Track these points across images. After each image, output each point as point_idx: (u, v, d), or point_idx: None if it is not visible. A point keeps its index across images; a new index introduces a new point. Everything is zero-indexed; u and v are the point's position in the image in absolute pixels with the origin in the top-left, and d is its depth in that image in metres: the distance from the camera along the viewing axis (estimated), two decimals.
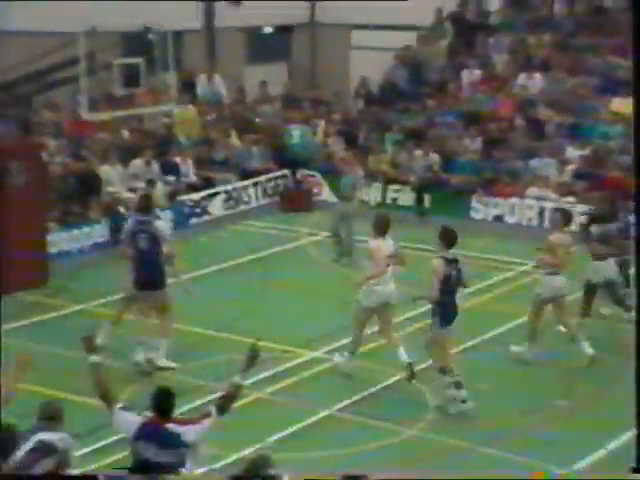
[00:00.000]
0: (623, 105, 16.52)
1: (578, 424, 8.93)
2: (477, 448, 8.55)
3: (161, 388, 6.58)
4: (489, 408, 9.21)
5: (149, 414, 6.40)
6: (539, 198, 15.58)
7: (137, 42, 13.78)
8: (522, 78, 18.31)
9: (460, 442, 8.64)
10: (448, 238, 9.07)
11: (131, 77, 13.37)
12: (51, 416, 6.45)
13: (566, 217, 10.61)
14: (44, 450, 6.23)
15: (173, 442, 6.25)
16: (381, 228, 9.78)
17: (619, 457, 7.99)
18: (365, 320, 9.81)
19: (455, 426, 8.94)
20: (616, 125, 16.16)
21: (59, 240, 13.83)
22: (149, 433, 6.28)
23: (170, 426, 6.30)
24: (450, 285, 9.00)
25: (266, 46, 22.38)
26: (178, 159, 16.44)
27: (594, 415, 9.07)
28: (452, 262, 9.03)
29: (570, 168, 15.84)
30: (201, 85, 19.53)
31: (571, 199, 15.23)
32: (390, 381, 9.86)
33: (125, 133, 16.81)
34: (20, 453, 6.20)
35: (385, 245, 9.73)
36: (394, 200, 16.56)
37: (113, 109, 13.87)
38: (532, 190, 15.74)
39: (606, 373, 9.85)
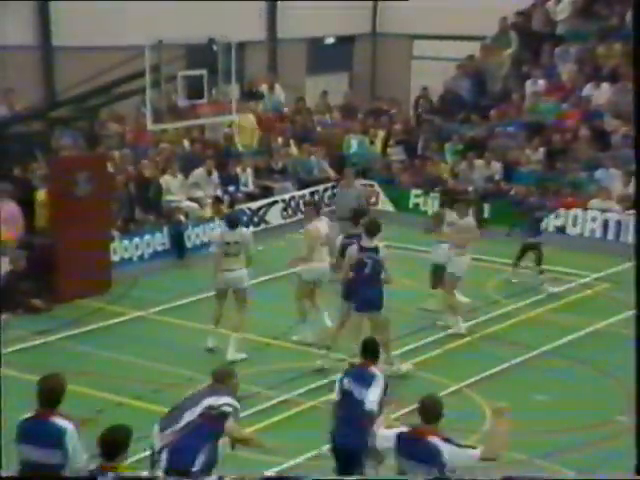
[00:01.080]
0: None
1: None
2: (534, 461, 8.54)
3: None
4: (545, 420, 9.16)
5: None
6: (602, 210, 15.42)
7: (201, 54, 13.96)
8: (588, 88, 18.16)
9: (517, 455, 8.63)
10: (371, 229, 10.33)
11: (194, 89, 13.61)
12: (219, 379, 6.69)
13: None
14: (211, 415, 6.37)
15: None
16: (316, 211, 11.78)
17: None
18: (305, 292, 11.31)
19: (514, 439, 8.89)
20: None
21: (121, 248, 14.20)
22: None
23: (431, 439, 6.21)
24: (363, 271, 10.03)
25: (327, 56, 22.57)
26: (238, 169, 16.70)
27: None
28: (368, 250, 10.08)
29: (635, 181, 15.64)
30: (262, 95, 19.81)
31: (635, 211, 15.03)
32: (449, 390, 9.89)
33: (186, 143, 17.14)
34: (187, 417, 6.35)
35: (321, 227, 11.30)
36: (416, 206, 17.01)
37: (176, 120, 14.20)
38: (595, 202, 15.59)
39: None
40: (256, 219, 16.24)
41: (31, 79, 17.84)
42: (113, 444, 5.92)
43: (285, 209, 16.78)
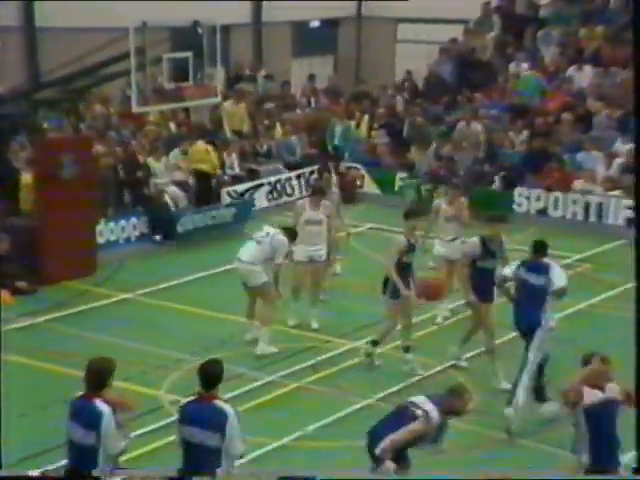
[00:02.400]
0: None
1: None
2: (516, 440, 8.59)
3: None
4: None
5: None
6: (585, 192, 15.46)
7: (186, 37, 13.90)
8: (571, 71, 18.15)
9: (498, 434, 8.68)
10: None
11: (180, 71, 13.53)
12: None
13: None
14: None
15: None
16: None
17: None
18: (297, 274, 11.02)
19: (495, 418, 8.95)
20: None
21: (107, 231, 14.08)
22: None
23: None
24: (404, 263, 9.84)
25: (312, 40, 22.44)
26: (224, 152, 16.60)
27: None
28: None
29: (618, 162, 15.68)
30: (248, 79, 19.70)
31: (618, 193, 15.10)
32: (432, 371, 9.94)
33: (172, 126, 17.02)
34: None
35: (309, 206, 11.02)
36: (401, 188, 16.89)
37: (162, 102, 14.08)
38: (578, 183, 15.62)
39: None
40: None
41: (15, 60, 17.65)
42: (212, 375, 6.34)
43: (271, 192, 16.72)
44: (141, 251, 14.19)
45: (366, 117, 18.45)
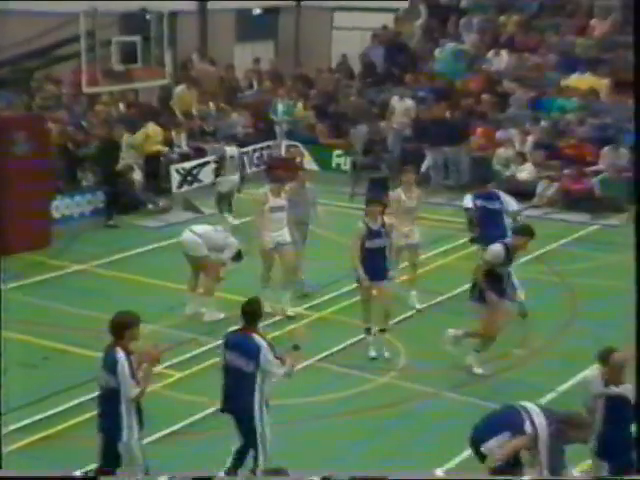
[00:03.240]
0: (579, 80, 16.40)
1: (532, 370, 8.92)
2: (443, 393, 8.52)
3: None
4: (452, 355, 9.14)
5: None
6: (504, 165, 15.45)
7: (134, 22, 13.55)
8: (490, 55, 18.15)
9: (427, 388, 8.61)
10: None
11: (128, 54, 13.18)
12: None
13: None
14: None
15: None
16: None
17: (567, 398, 8.09)
18: (265, 258, 10.32)
19: (423, 374, 8.90)
20: (573, 99, 16.01)
21: (62, 206, 13.67)
22: None
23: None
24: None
25: (255, 26, 22.05)
26: (173, 132, 16.20)
27: (547, 361, 9.04)
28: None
29: (530, 139, 15.69)
30: (195, 63, 19.28)
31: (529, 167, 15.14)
32: (359, 337, 9.73)
33: (121, 106, 16.53)
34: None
35: (271, 193, 10.27)
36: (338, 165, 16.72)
37: (112, 84, 13.66)
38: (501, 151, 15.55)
39: (557, 326, 9.81)
40: (189, 178, 15.82)
41: None
42: (250, 312, 6.71)
43: (217, 168, 16.34)
44: (95, 225, 13.78)
45: (305, 98, 18.16)
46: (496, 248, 8.67)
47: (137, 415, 6.34)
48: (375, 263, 9.10)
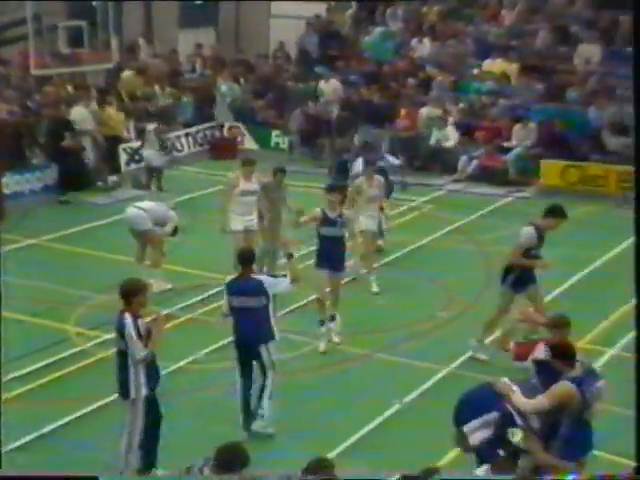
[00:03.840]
0: (492, 65, 16.63)
1: (455, 331, 9.06)
2: (374, 355, 8.58)
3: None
4: (383, 320, 9.23)
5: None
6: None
7: (81, 7, 13.09)
8: (414, 43, 18.17)
9: (360, 350, 8.67)
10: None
11: (75, 38, 12.75)
12: None
13: None
14: None
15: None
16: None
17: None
18: (239, 241, 9.57)
19: (357, 337, 8.94)
20: (487, 82, 16.20)
21: (13, 182, 13.16)
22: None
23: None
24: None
25: (197, 13, 21.58)
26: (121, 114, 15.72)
27: (468, 322, 9.21)
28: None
29: (451, 120, 15.77)
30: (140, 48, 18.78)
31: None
32: (304, 301, 9.70)
33: (69, 88, 15.96)
34: None
35: (243, 176, 9.64)
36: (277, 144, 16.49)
37: (59, 66, 13.21)
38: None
39: (476, 290, 9.97)
40: (137, 157, 15.36)
41: None
42: (246, 258, 7.09)
43: (164, 148, 15.96)
44: (46, 201, 13.33)
45: (242, 81, 17.90)
46: (528, 230, 8.01)
47: (146, 374, 6.35)
48: (331, 253, 8.50)
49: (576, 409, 5.46)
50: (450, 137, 15.19)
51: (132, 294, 6.32)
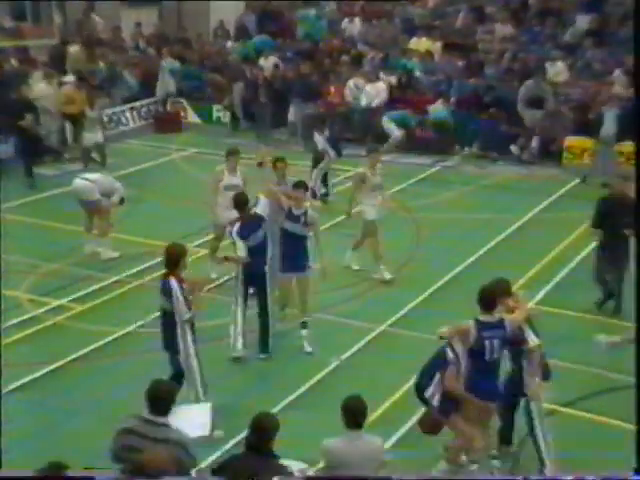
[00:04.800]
0: (418, 44, 16.58)
1: (389, 291, 9.01)
2: (312, 315, 8.44)
3: None
4: (320, 282, 9.07)
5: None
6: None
7: None
8: (345, 22, 17.93)
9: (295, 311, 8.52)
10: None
11: (18, 12, 11.98)
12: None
13: None
14: None
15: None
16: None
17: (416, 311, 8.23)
18: (220, 235, 8.98)
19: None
20: (413, 59, 16.10)
21: None
22: None
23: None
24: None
25: None
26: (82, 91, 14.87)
27: (400, 283, 9.15)
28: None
29: (383, 93, 15.51)
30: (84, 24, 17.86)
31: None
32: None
33: (13, 61, 15.06)
34: None
35: (225, 174, 8.89)
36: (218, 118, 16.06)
37: (2, 40, 12.41)
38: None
39: (406, 253, 9.94)
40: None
41: None
42: (243, 198, 7.24)
43: (108, 122, 15.34)
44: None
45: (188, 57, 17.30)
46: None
47: (192, 333, 6.28)
48: (294, 251, 7.62)
49: (473, 346, 5.60)
50: (381, 92, 14.86)
51: (178, 257, 6.21)
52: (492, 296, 5.73)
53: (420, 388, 5.80)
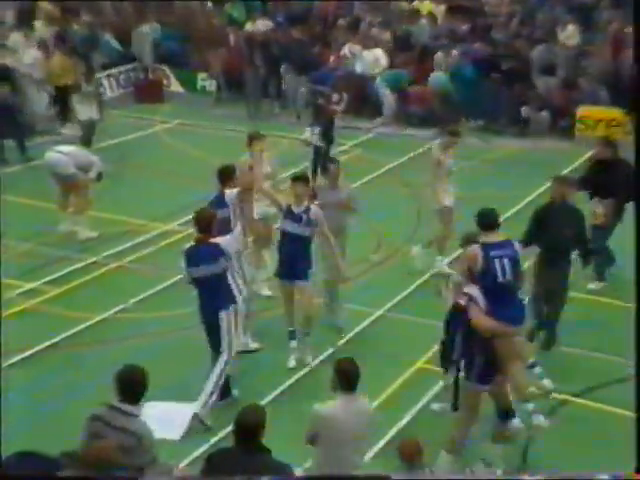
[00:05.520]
0: (421, 6, 16.49)
1: (385, 273, 8.97)
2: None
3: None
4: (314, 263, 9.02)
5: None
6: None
7: None
8: None
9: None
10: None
11: None
12: None
13: None
14: None
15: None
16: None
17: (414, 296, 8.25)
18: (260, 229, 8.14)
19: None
20: (419, 21, 15.94)
21: None
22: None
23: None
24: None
25: None
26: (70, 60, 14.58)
27: (399, 264, 9.13)
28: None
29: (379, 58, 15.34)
30: None
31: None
32: None
33: None
34: None
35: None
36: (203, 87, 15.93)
37: None
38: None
39: (406, 232, 9.88)
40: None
41: None
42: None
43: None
44: None
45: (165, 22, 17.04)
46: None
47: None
48: (293, 256, 6.94)
49: (480, 270, 5.46)
50: (379, 59, 14.71)
51: (209, 221, 6.43)
52: (493, 214, 5.62)
53: (445, 355, 5.84)
